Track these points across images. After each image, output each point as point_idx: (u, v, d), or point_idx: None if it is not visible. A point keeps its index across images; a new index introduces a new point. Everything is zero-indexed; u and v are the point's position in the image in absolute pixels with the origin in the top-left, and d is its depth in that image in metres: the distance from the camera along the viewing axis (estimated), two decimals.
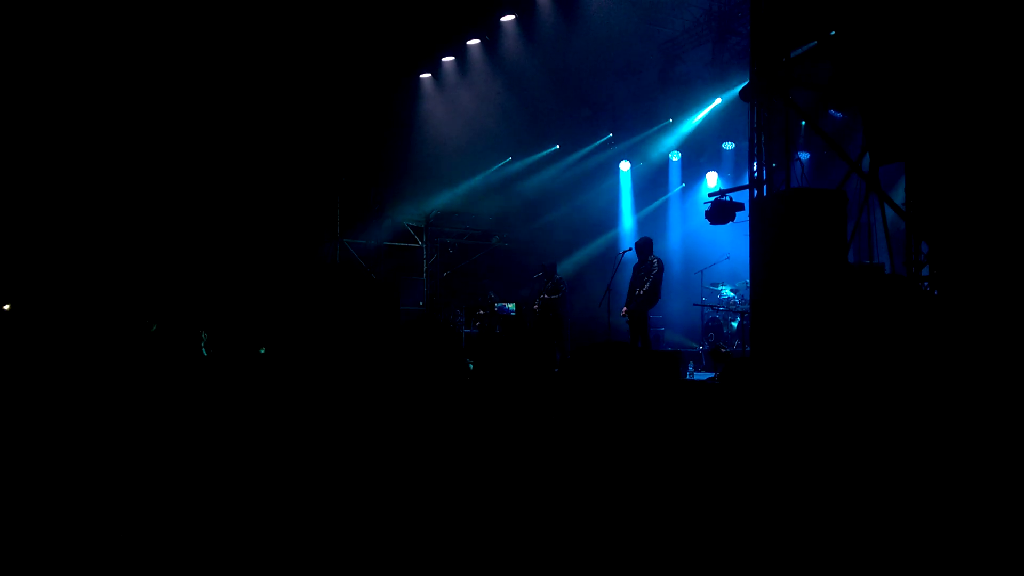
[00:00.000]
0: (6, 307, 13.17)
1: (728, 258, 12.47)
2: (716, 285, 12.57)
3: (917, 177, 7.94)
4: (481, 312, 14.51)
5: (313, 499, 4.16)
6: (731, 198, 9.60)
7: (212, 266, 14.00)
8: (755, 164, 8.90)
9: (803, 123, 11.16)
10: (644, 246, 11.09)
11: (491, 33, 13.89)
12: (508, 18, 13.57)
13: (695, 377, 10.98)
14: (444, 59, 14.82)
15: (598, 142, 15.91)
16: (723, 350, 11.07)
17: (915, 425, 5.58)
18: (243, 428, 6.43)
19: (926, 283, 8.07)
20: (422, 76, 15.29)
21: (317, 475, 4.75)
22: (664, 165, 15.54)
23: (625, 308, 11.19)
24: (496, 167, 16.67)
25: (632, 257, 11.27)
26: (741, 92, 9.62)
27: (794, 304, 7.97)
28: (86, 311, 12.88)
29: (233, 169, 14.13)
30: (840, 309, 7.16)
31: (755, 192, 8.86)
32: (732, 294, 12.22)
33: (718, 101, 13.57)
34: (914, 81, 7.69)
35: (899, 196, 8.56)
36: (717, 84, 13.21)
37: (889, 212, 8.22)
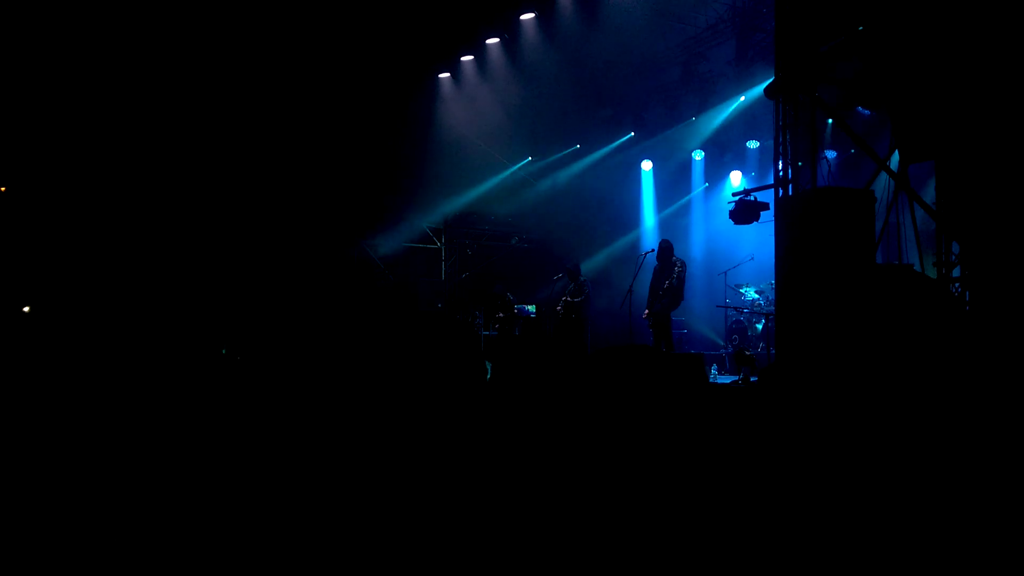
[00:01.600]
0: (25, 309, 13.27)
1: (752, 259, 12.26)
2: (740, 286, 12.35)
3: (948, 175, 7.71)
4: (500, 315, 14.40)
5: (324, 499, 4.10)
6: (756, 197, 9.42)
7: (230, 268, 14.02)
8: (780, 163, 8.71)
9: (830, 121, 10.94)
10: (666, 249, 10.96)
11: (510, 32, 13.77)
12: (528, 16, 13.44)
13: (718, 380, 10.79)
14: (463, 58, 14.73)
15: (619, 141, 15.73)
16: (747, 353, 10.86)
17: (946, 430, 5.38)
18: (260, 428, 6.38)
19: (957, 284, 7.85)
20: (441, 76, 15.20)
21: (326, 475, 4.68)
22: (687, 164, 15.34)
23: (647, 311, 11.04)
24: (516, 167, 16.55)
25: (653, 259, 11.12)
26: (766, 89, 9.42)
27: (820, 306, 7.76)
28: (105, 313, 12.95)
29: (251, 171, 14.15)
30: (868, 311, 6.95)
31: (780, 191, 8.68)
32: (757, 296, 12.00)
33: (742, 99, 13.35)
34: (944, 77, 7.47)
35: (929, 195, 8.33)
36: (741, 82, 13.00)
37: (919, 211, 7.99)
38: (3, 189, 12.70)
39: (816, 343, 7.86)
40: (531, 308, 14.16)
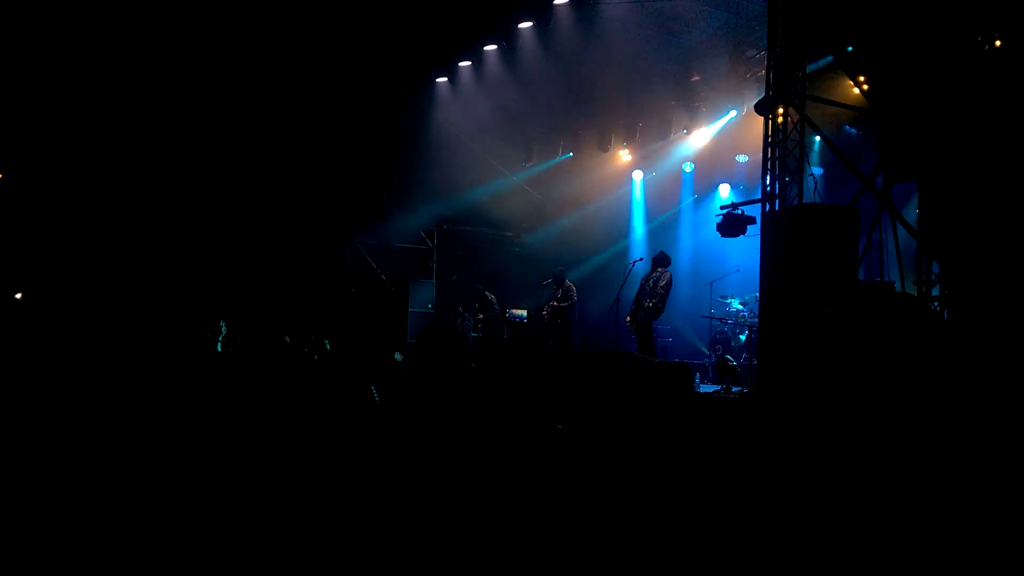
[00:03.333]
0: (17, 296, 13.28)
1: (738, 271, 12.43)
2: (725, 297, 12.53)
3: (930, 196, 7.92)
4: (481, 316, 14.46)
5: (311, 500, 4.17)
6: (743, 211, 9.59)
7: (225, 264, 14.09)
8: (768, 178, 8.89)
9: (817, 138, 11.16)
10: (660, 260, 11.14)
11: (508, 39, 13.92)
12: (526, 25, 13.59)
13: (701, 389, 10.95)
14: (461, 64, 14.87)
15: (612, 151, 15.90)
16: (730, 363, 11.03)
17: (922, 445, 5.55)
18: (250, 427, 6.44)
19: (936, 303, 8.04)
20: (438, 80, 15.33)
21: (316, 476, 4.75)
22: (677, 176, 15.52)
23: (629, 318, 11.20)
24: (509, 173, 16.69)
25: (641, 268, 11.29)
26: (756, 105, 9.62)
27: (803, 319, 7.95)
28: (99, 306, 12.98)
29: (247, 168, 14.22)
30: (849, 326, 7.14)
31: (767, 206, 8.85)
32: (741, 307, 12.18)
33: (733, 114, 13.56)
34: (930, 99, 7.68)
35: (911, 214, 8.54)
36: (732, 97, 13.20)
37: (901, 230, 8.19)
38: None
39: (799, 356, 8.04)
40: (522, 313, 14.22)
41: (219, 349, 8.58)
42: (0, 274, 12.94)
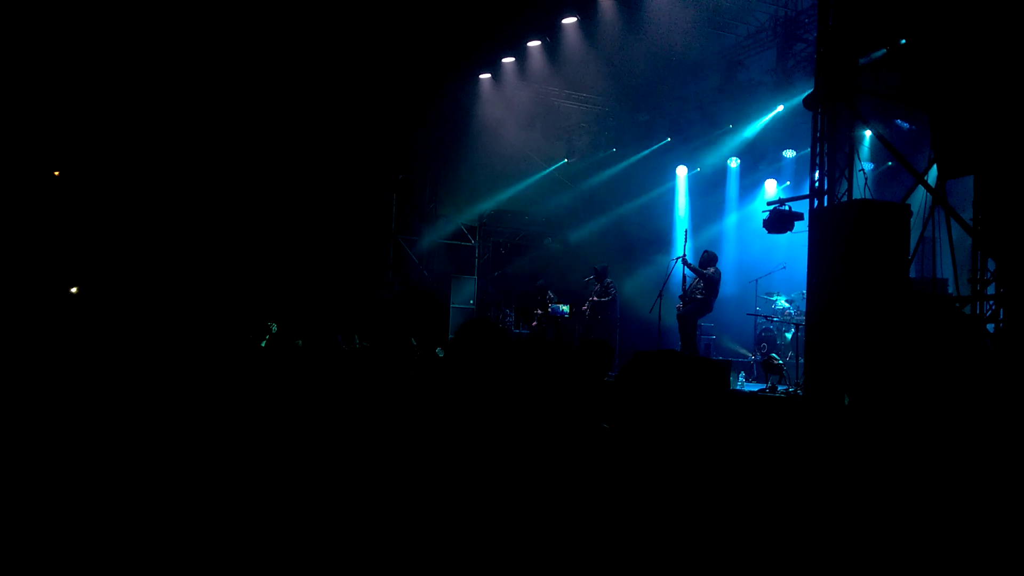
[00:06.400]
0: (73, 290, 13.64)
1: (784, 268, 12.23)
2: (771, 295, 12.33)
3: (987, 192, 7.69)
4: (539, 312, 14.41)
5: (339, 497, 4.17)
6: (790, 207, 9.44)
7: (270, 263, 14.30)
8: (817, 173, 8.72)
9: (868, 133, 10.92)
10: (708, 260, 11.13)
11: (552, 35, 13.88)
12: (570, 20, 13.53)
13: (745, 388, 10.81)
14: (504, 60, 14.87)
15: (655, 146, 15.73)
16: (776, 361, 10.87)
17: (973, 457, 5.39)
18: (287, 422, 6.49)
19: (991, 302, 7.82)
20: (481, 76, 15.36)
21: (343, 473, 4.75)
22: (722, 171, 15.31)
23: (679, 306, 11.26)
24: (551, 168, 16.65)
25: (683, 263, 11.24)
26: (805, 100, 9.44)
27: (851, 319, 7.79)
28: (148, 304, 13.26)
29: (290, 165, 14.42)
30: (898, 328, 6.97)
31: (815, 202, 8.69)
32: (787, 304, 11.98)
33: (780, 108, 13.31)
34: (986, 92, 7.46)
35: (966, 211, 8.30)
36: (780, 91, 12.95)
37: (955, 227, 7.97)
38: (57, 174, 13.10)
39: (846, 356, 7.88)
40: (565, 308, 14.14)
41: (263, 346, 8.68)
42: (56, 269, 13.31)
